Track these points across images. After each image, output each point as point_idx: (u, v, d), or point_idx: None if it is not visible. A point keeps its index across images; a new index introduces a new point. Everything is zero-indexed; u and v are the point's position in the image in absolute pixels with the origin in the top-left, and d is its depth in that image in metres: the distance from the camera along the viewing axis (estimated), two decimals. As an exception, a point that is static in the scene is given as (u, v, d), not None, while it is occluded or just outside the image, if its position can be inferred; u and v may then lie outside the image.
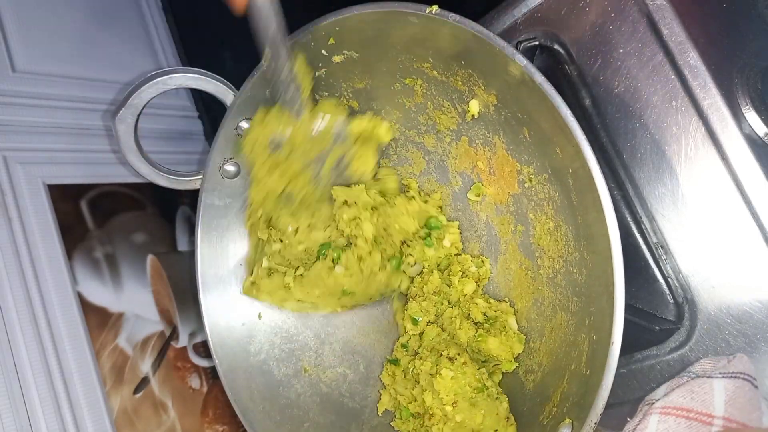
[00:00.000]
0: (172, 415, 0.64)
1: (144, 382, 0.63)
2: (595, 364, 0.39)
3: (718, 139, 0.41)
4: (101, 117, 0.70)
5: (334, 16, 0.45)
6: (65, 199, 0.64)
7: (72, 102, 0.68)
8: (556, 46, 0.47)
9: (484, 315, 0.51)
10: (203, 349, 0.69)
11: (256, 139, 0.51)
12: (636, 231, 0.46)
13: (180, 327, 0.68)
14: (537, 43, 0.48)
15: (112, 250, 0.66)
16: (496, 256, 0.53)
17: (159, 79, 0.49)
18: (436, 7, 0.41)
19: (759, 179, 0.40)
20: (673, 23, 0.42)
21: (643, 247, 0.45)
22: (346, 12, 0.44)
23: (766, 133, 0.41)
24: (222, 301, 0.55)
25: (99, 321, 0.62)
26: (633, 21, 0.43)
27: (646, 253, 0.45)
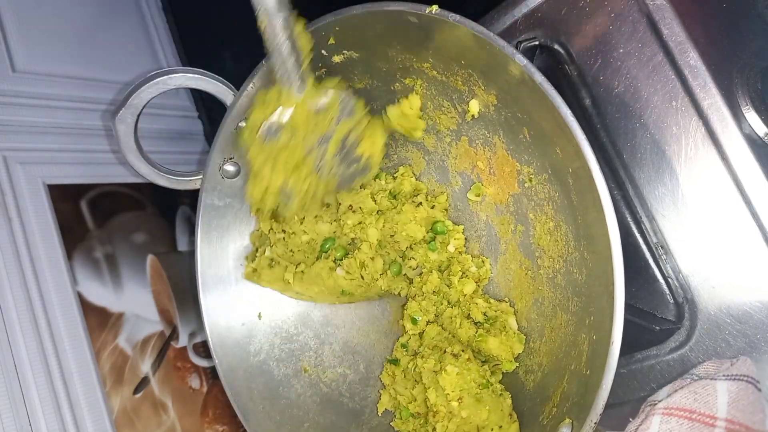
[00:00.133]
0: (172, 415, 0.64)
1: (144, 382, 0.63)
2: (595, 364, 0.38)
3: (718, 139, 0.41)
4: (101, 117, 0.70)
5: (334, 16, 0.45)
6: (65, 199, 0.64)
7: (72, 102, 0.68)
8: (556, 46, 0.47)
9: (484, 315, 0.51)
10: (203, 349, 0.69)
11: (255, 125, 0.46)
12: (636, 231, 0.46)
13: (180, 327, 0.68)
14: (537, 43, 0.48)
15: (112, 250, 0.66)
16: (496, 256, 0.53)
17: (159, 79, 0.49)
18: (436, 7, 0.41)
19: (759, 179, 0.40)
20: (673, 23, 0.42)
21: (643, 247, 0.45)
22: (346, 12, 0.44)
23: (766, 133, 0.41)
24: (222, 301, 0.55)
25: (99, 321, 0.62)
26: (633, 21, 0.43)
27: (646, 253, 0.45)
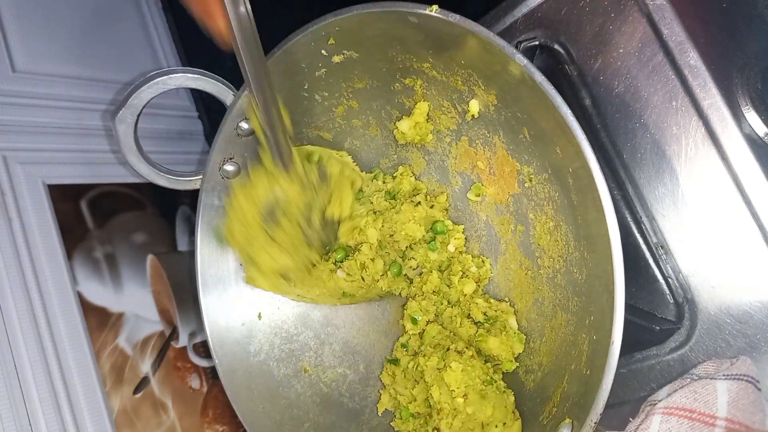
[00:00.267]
0: (172, 415, 0.64)
1: (144, 382, 0.63)
2: (595, 364, 0.38)
3: (718, 139, 0.41)
4: (101, 117, 0.70)
5: (334, 16, 0.45)
6: (65, 199, 0.64)
7: (72, 102, 0.68)
8: (556, 46, 0.47)
9: (485, 315, 0.51)
10: (203, 349, 0.69)
11: (244, 217, 0.45)
12: (636, 231, 0.46)
13: (180, 327, 0.68)
14: (537, 43, 0.48)
15: (112, 250, 0.66)
16: (496, 256, 0.53)
17: (159, 79, 0.49)
18: (436, 7, 0.41)
19: (759, 179, 0.40)
20: (673, 23, 0.42)
21: (643, 247, 0.45)
22: (346, 12, 0.44)
23: (766, 133, 0.41)
24: (222, 301, 0.55)
25: (99, 321, 0.62)
26: (633, 21, 0.43)
27: (646, 253, 0.45)
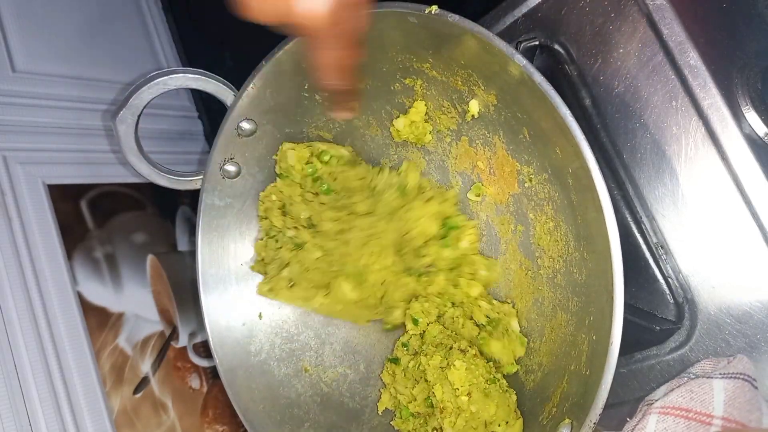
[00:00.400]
0: (172, 415, 0.64)
1: (144, 382, 0.63)
2: (594, 364, 0.38)
3: (718, 139, 0.41)
4: (101, 117, 0.70)
5: (334, 16, 0.45)
6: (65, 199, 0.64)
7: (72, 102, 0.68)
8: (556, 46, 0.47)
9: (487, 317, 0.51)
10: (203, 349, 0.69)
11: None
12: (636, 231, 0.46)
13: (180, 327, 0.68)
14: (537, 43, 0.48)
15: (112, 250, 0.66)
16: (496, 256, 0.53)
17: (159, 79, 0.49)
18: (435, 7, 0.41)
19: (759, 179, 0.40)
20: (673, 23, 0.42)
21: (643, 247, 0.45)
22: (346, 12, 0.44)
23: (766, 133, 0.41)
24: (222, 301, 0.55)
25: (99, 321, 0.62)
26: (633, 21, 0.43)
27: (646, 253, 0.45)
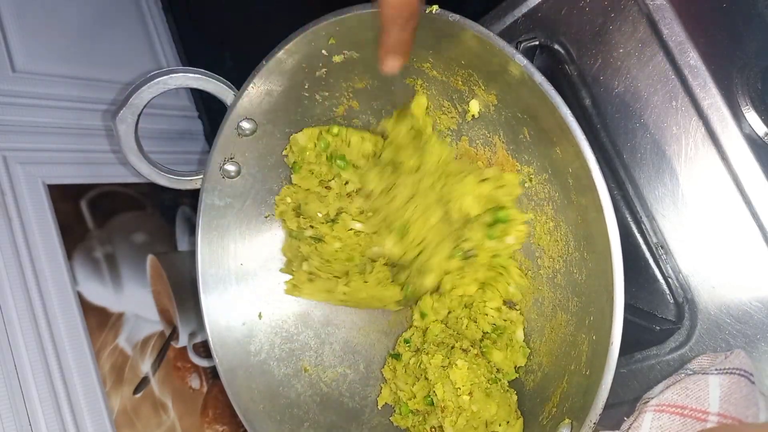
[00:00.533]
0: (172, 415, 0.64)
1: (144, 382, 0.63)
2: (594, 364, 0.38)
3: (718, 139, 0.41)
4: (101, 117, 0.70)
5: (334, 16, 0.45)
6: (65, 199, 0.64)
7: (72, 102, 0.68)
8: (556, 46, 0.47)
9: (493, 325, 0.51)
10: (203, 349, 0.69)
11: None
12: (636, 231, 0.46)
13: (180, 327, 0.68)
14: (537, 43, 0.48)
15: (112, 250, 0.66)
16: (496, 256, 0.53)
17: (159, 79, 0.49)
18: (436, 7, 0.41)
19: (759, 179, 0.40)
20: (673, 23, 0.42)
21: (643, 247, 0.45)
22: (346, 12, 0.44)
23: (766, 133, 0.41)
24: (222, 301, 0.55)
25: (99, 321, 0.62)
26: (633, 21, 0.43)
27: (646, 253, 0.45)
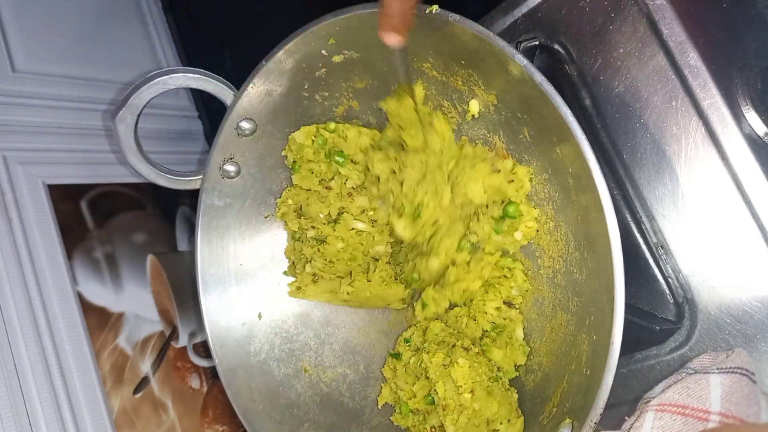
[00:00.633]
0: (172, 415, 0.64)
1: (144, 382, 0.63)
2: (595, 364, 0.38)
3: (718, 139, 0.41)
4: (101, 117, 0.70)
5: (334, 16, 0.45)
6: (65, 199, 0.64)
7: (72, 102, 0.68)
8: (556, 46, 0.47)
9: (492, 323, 0.51)
10: (203, 349, 0.69)
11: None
12: (636, 231, 0.46)
13: (180, 327, 0.68)
14: (537, 43, 0.48)
15: (112, 250, 0.66)
16: (496, 256, 0.53)
17: (159, 79, 0.49)
18: (436, 7, 0.41)
19: (759, 179, 0.40)
20: (673, 23, 0.42)
21: (643, 247, 0.45)
22: (346, 12, 0.44)
23: (766, 133, 0.41)
24: (222, 301, 0.55)
25: (99, 321, 0.62)
26: (633, 21, 0.43)
27: (646, 253, 0.45)
